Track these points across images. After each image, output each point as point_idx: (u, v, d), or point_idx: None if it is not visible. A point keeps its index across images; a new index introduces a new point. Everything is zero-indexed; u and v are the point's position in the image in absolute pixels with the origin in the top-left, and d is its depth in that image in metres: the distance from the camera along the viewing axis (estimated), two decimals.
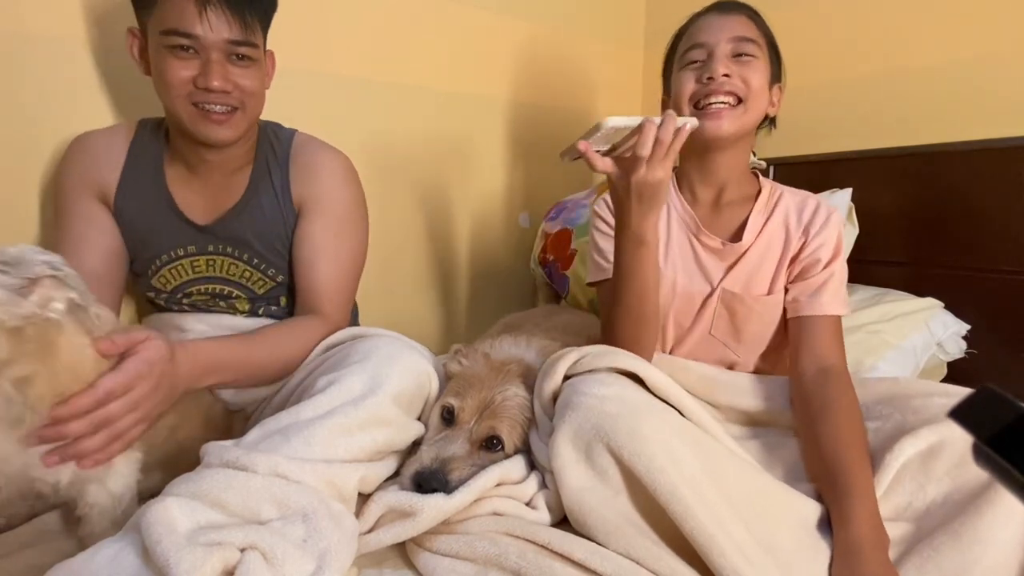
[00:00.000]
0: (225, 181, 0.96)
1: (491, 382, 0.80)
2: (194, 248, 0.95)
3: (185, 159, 0.94)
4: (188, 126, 0.86)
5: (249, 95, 0.88)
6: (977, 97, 1.22)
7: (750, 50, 0.85)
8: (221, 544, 0.49)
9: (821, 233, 0.88)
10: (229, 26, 0.83)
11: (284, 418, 0.64)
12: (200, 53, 0.83)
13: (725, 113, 0.85)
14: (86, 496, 0.61)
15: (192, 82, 0.83)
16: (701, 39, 0.87)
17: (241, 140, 0.94)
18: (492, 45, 1.60)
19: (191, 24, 0.81)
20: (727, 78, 0.84)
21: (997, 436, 0.35)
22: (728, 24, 0.86)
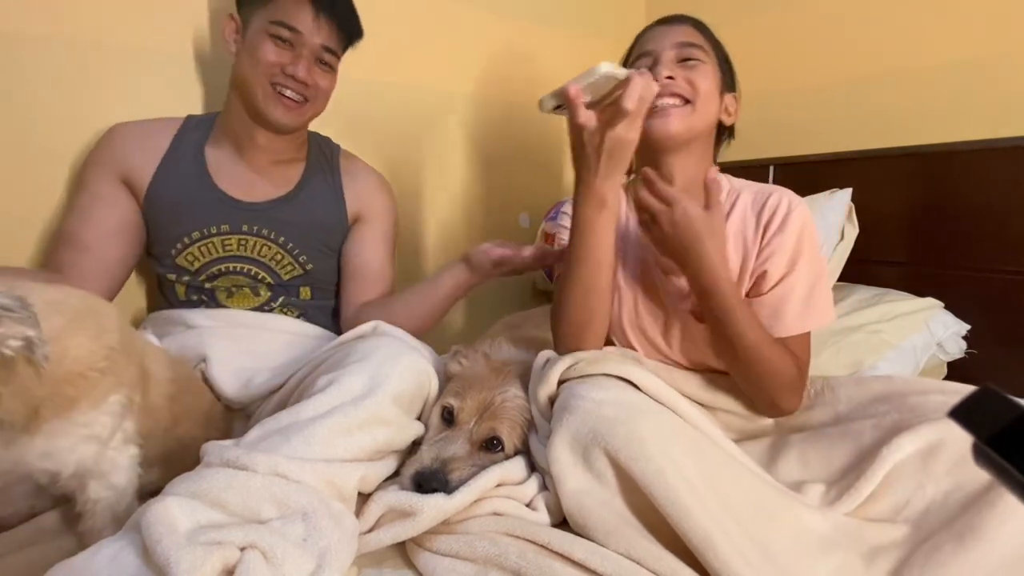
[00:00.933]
0: (273, 169, 1.06)
1: (491, 383, 0.80)
2: (227, 227, 1.01)
3: (236, 140, 1.03)
4: (260, 103, 0.97)
5: (321, 94, 1.02)
6: (977, 97, 1.22)
7: (695, 55, 0.86)
8: (221, 543, 0.49)
9: (776, 238, 0.82)
10: (329, 35, 0.98)
11: (284, 417, 0.64)
12: (295, 48, 0.97)
13: (673, 111, 0.84)
14: (87, 490, 0.62)
15: (280, 67, 0.96)
16: (647, 48, 0.88)
17: (294, 134, 1.05)
18: (492, 45, 1.60)
19: (301, 22, 0.95)
20: (671, 80, 0.84)
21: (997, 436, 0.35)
22: (672, 32, 0.88)
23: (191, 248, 1.00)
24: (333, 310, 1.15)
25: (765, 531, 0.61)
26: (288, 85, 0.97)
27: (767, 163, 1.52)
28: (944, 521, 0.63)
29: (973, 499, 0.63)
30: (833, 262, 1.26)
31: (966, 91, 1.24)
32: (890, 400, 0.79)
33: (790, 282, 0.81)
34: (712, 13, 1.79)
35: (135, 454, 0.65)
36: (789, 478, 0.74)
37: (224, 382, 0.90)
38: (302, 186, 1.07)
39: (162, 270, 1.03)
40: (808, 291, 0.81)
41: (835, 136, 1.43)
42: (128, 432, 0.65)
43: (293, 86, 0.97)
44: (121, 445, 0.64)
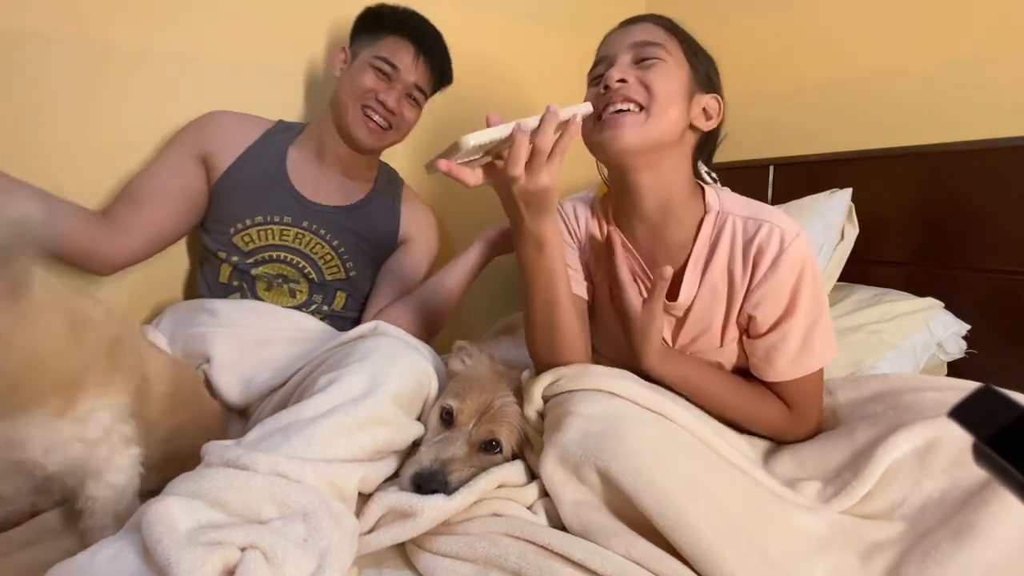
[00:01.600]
0: (344, 179, 1.16)
1: (492, 386, 0.80)
2: (290, 219, 1.10)
3: (319, 147, 1.14)
4: (349, 122, 1.09)
5: (404, 124, 1.14)
6: (977, 97, 1.22)
7: (654, 53, 0.77)
8: (222, 543, 0.49)
9: (766, 281, 0.75)
10: (423, 75, 1.11)
11: (284, 417, 0.64)
12: (391, 81, 1.09)
13: (625, 119, 0.74)
14: (85, 489, 0.61)
15: (374, 94, 1.08)
16: (604, 52, 0.81)
17: (371, 156, 1.18)
18: (491, 45, 1.60)
19: (401, 61, 1.08)
20: (623, 83, 0.75)
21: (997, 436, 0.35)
22: (630, 32, 0.79)
23: (250, 230, 1.08)
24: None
25: (761, 534, 0.61)
26: (377, 111, 1.09)
27: (767, 163, 1.52)
28: (941, 518, 0.63)
29: (970, 496, 0.62)
30: (833, 262, 1.26)
31: (966, 91, 1.24)
32: (886, 398, 0.78)
33: (783, 329, 0.75)
34: (712, 13, 1.80)
35: (136, 454, 0.65)
36: (784, 476, 0.74)
37: (226, 385, 0.91)
38: (366, 203, 1.18)
39: (215, 246, 1.09)
40: (804, 336, 0.75)
41: (835, 136, 1.43)
42: (127, 433, 0.64)
43: (381, 112, 1.09)
44: (121, 446, 0.63)
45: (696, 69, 0.80)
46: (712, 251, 0.79)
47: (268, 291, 1.11)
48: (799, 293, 0.75)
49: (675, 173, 0.80)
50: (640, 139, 0.75)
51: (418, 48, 1.09)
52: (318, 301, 1.14)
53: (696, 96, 0.79)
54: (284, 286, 1.12)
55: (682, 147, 0.80)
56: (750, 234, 0.77)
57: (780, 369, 0.76)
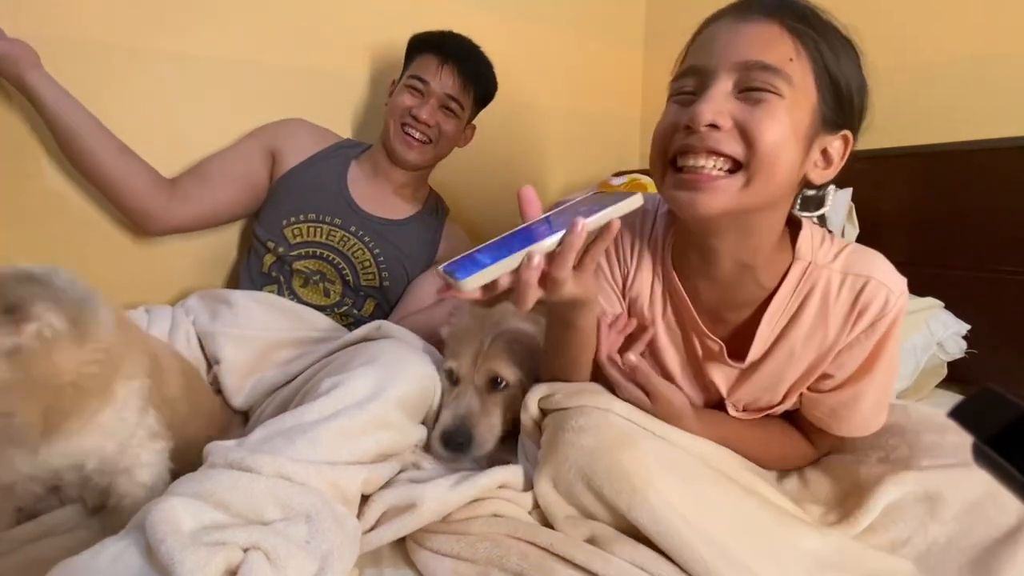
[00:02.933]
0: (395, 197, 1.24)
1: (479, 330, 0.84)
2: (340, 221, 1.17)
3: (375, 166, 1.22)
4: (392, 139, 1.16)
5: (443, 137, 1.19)
6: (977, 97, 1.22)
7: (768, 82, 0.55)
8: (225, 544, 0.49)
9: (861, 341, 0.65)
10: (451, 83, 1.16)
11: (288, 419, 0.65)
12: (425, 97, 1.15)
13: (716, 184, 0.56)
14: (116, 487, 0.62)
15: (409, 110, 1.14)
16: (700, 60, 0.59)
17: (417, 174, 1.24)
18: (491, 45, 1.60)
19: (428, 73, 1.15)
20: (714, 130, 0.55)
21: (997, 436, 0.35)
22: (743, 38, 0.56)
23: (302, 224, 1.15)
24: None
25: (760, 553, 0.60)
26: (414, 126, 1.15)
27: None
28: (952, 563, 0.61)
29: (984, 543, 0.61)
30: None
31: (967, 91, 1.24)
32: (904, 434, 0.75)
33: (860, 387, 0.67)
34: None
35: (162, 448, 0.65)
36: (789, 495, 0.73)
37: (233, 389, 0.91)
38: (411, 221, 1.24)
39: (265, 235, 1.16)
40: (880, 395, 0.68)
41: None
42: (152, 427, 0.64)
43: (418, 127, 1.15)
44: (147, 441, 0.63)
45: (825, 98, 0.58)
46: (799, 308, 0.66)
47: (304, 287, 1.16)
48: (883, 351, 0.65)
49: (769, 232, 0.63)
50: (733, 206, 0.57)
51: (441, 58, 1.15)
52: (348, 304, 1.18)
53: (819, 138, 0.60)
54: (320, 284, 1.17)
55: (785, 202, 0.62)
56: (855, 293, 0.65)
57: (850, 427, 0.69)
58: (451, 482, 0.66)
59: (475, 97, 1.22)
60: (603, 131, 1.87)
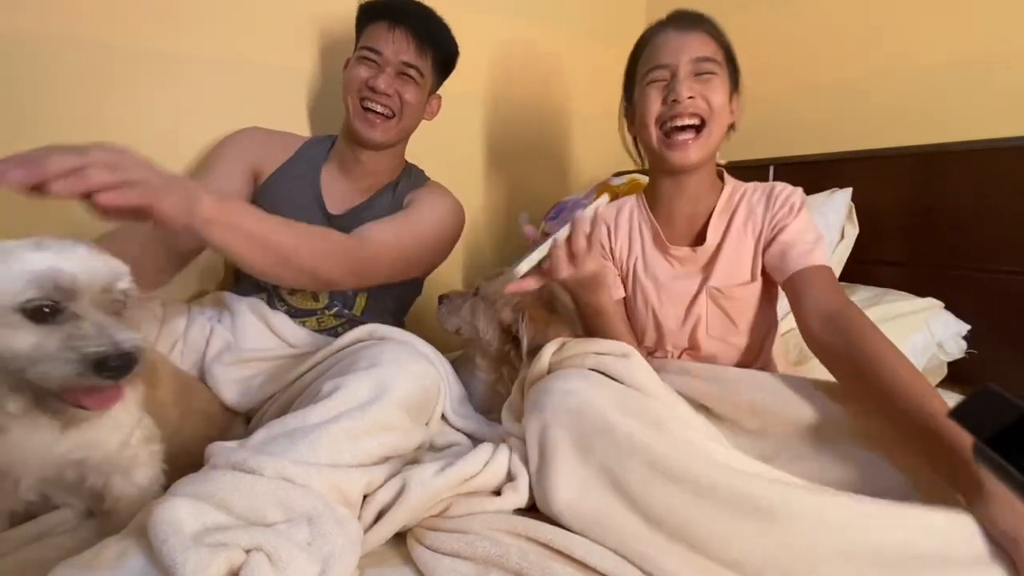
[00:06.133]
0: (366, 187, 1.15)
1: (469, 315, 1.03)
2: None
3: (343, 160, 1.14)
4: (352, 119, 1.08)
5: (407, 107, 1.09)
6: (977, 97, 1.22)
7: (710, 68, 0.87)
8: (227, 545, 0.49)
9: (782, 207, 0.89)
10: (405, 48, 1.06)
11: (290, 422, 0.65)
12: (380, 66, 1.06)
13: (690, 144, 0.88)
14: (112, 488, 0.62)
15: (365, 83, 1.05)
16: (663, 60, 0.88)
17: (388, 153, 1.14)
18: (491, 45, 1.60)
19: (379, 42, 1.05)
20: (691, 100, 0.86)
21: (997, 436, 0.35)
22: (688, 44, 0.88)
23: None
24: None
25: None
26: (373, 99, 1.06)
27: (767, 163, 1.52)
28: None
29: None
30: (833, 262, 1.26)
31: (966, 91, 1.24)
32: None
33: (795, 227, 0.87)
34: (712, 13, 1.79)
35: (157, 450, 0.66)
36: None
37: (225, 388, 0.91)
38: (375, 197, 1.14)
39: None
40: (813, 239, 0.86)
41: (835, 136, 1.43)
42: (148, 429, 0.65)
43: (377, 99, 1.06)
44: (142, 442, 0.64)
45: (731, 73, 0.91)
46: (735, 208, 0.93)
47: (293, 294, 1.11)
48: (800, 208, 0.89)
49: (712, 164, 0.96)
50: (702, 156, 0.89)
51: (391, 22, 1.06)
52: (339, 304, 1.13)
53: (732, 97, 0.92)
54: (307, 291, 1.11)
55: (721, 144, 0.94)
56: (765, 192, 0.92)
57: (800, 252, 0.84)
58: (436, 468, 0.67)
59: (434, 60, 1.11)
60: (603, 131, 1.87)
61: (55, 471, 0.60)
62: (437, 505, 0.67)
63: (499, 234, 1.68)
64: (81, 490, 0.64)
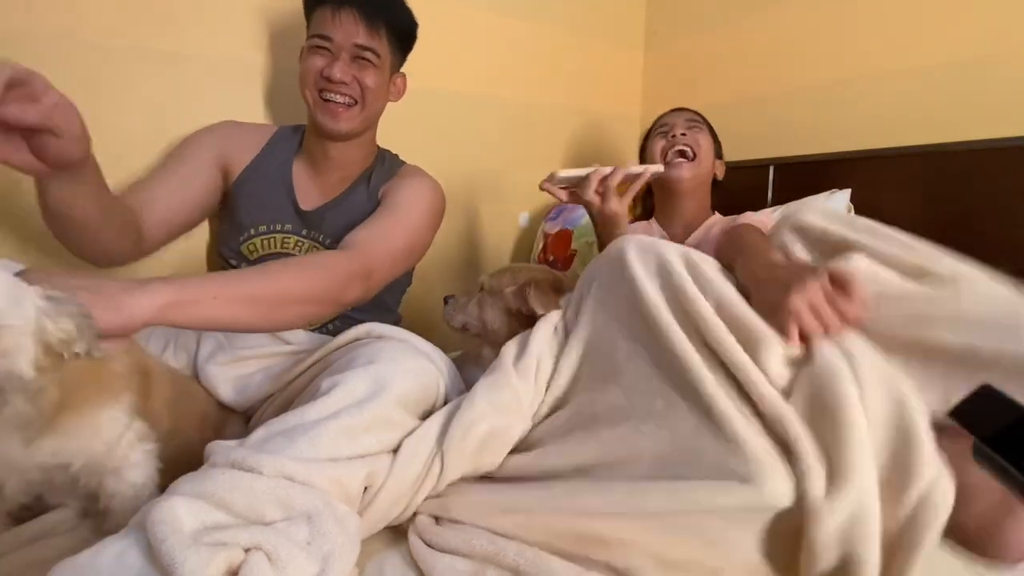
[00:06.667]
0: (338, 181, 1.11)
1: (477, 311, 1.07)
2: (291, 227, 1.09)
3: (313, 155, 1.10)
4: (313, 112, 1.04)
5: (369, 93, 1.04)
6: (977, 97, 1.22)
7: (697, 124, 1.28)
8: (226, 544, 0.49)
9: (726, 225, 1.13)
10: (355, 30, 1.00)
11: (289, 419, 0.65)
12: (333, 53, 1.01)
13: (684, 165, 1.23)
14: (105, 487, 0.62)
15: (320, 73, 1.01)
16: (666, 121, 1.30)
17: (356, 142, 1.10)
18: (492, 45, 1.60)
19: (327, 28, 1.00)
20: (684, 136, 1.24)
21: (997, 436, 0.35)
22: (682, 113, 1.30)
23: (255, 239, 1.08)
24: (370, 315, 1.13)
25: None
26: (332, 89, 1.02)
27: (767, 163, 1.52)
28: None
29: None
30: None
31: (966, 91, 1.24)
32: None
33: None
34: (712, 13, 1.80)
35: (151, 449, 0.66)
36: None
37: (221, 388, 0.91)
38: (349, 190, 1.11)
39: (227, 254, 1.10)
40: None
41: (835, 136, 1.43)
42: (140, 430, 0.65)
43: (335, 88, 1.02)
44: (135, 442, 0.64)
45: (715, 142, 1.30)
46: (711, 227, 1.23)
47: None
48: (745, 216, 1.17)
49: (701, 204, 1.29)
50: (692, 176, 1.23)
51: (335, 5, 1.00)
52: None
53: (716, 159, 1.30)
54: None
55: (706, 187, 1.29)
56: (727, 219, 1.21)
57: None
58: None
59: (389, 38, 1.05)
60: (603, 131, 1.88)
61: (40, 475, 0.60)
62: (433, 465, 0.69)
63: (498, 234, 1.68)
64: (76, 491, 0.64)
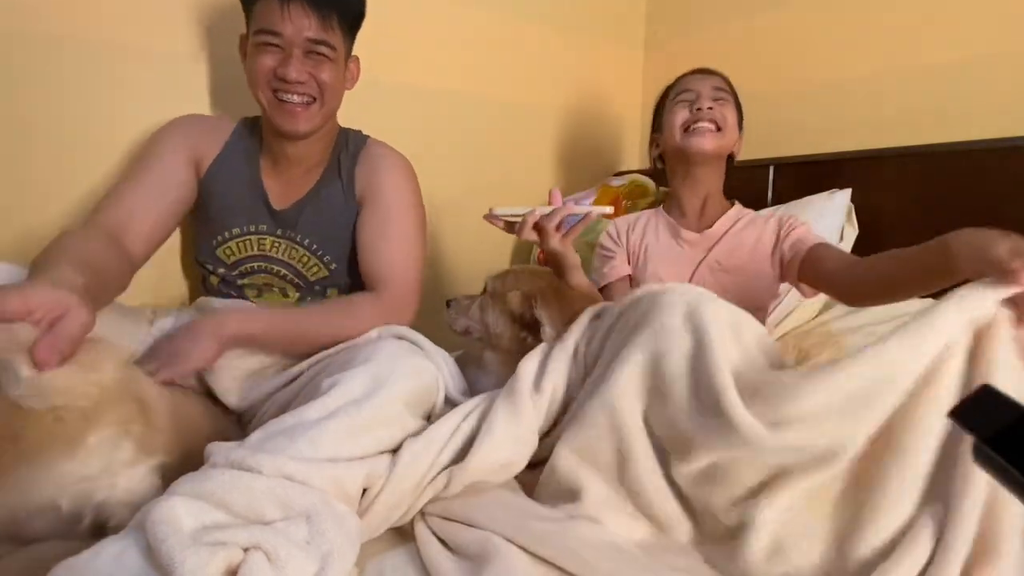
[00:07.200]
0: (303, 175, 1.06)
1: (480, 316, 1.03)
2: (265, 227, 1.06)
3: (272, 152, 1.05)
4: (269, 115, 0.98)
5: (327, 89, 0.98)
6: (977, 97, 1.22)
7: (726, 96, 1.14)
8: (225, 544, 0.49)
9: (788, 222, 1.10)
10: (306, 24, 0.93)
11: (288, 419, 0.65)
12: (284, 49, 0.95)
13: (708, 134, 1.10)
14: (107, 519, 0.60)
15: (273, 72, 0.95)
16: (690, 87, 1.14)
17: (317, 136, 1.04)
18: (491, 45, 1.60)
19: (274, 23, 0.92)
20: (711, 110, 1.11)
21: (997, 436, 0.35)
22: (709, 79, 1.15)
23: (230, 242, 1.05)
24: None
25: None
26: (288, 90, 0.96)
27: (767, 163, 1.52)
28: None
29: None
30: None
31: (966, 91, 1.24)
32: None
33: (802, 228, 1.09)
34: (712, 13, 1.80)
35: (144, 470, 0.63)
36: None
37: (224, 391, 0.89)
38: (318, 186, 1.07)
39: (203, 258, 1.08)
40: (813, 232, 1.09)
41: (835, 136, 1.43)
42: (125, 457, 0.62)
43: (291, 88, 0.96)
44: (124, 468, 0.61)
45: (739, 114, 1.16)
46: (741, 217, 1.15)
47: (259, 297, 1.09)
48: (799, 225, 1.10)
49: (720, 172, 1.18)
50: (716, 147, 1.11)
51: None
52: (309, 300, 1.11)
53: (739, 133, 1.17)
54: (274, 291, 1.10)
55: (724, 161, 1.17)
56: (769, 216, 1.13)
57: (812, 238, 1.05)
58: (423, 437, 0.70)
59: (342, 26, 0.98)
60: (603, 131, 1.88)
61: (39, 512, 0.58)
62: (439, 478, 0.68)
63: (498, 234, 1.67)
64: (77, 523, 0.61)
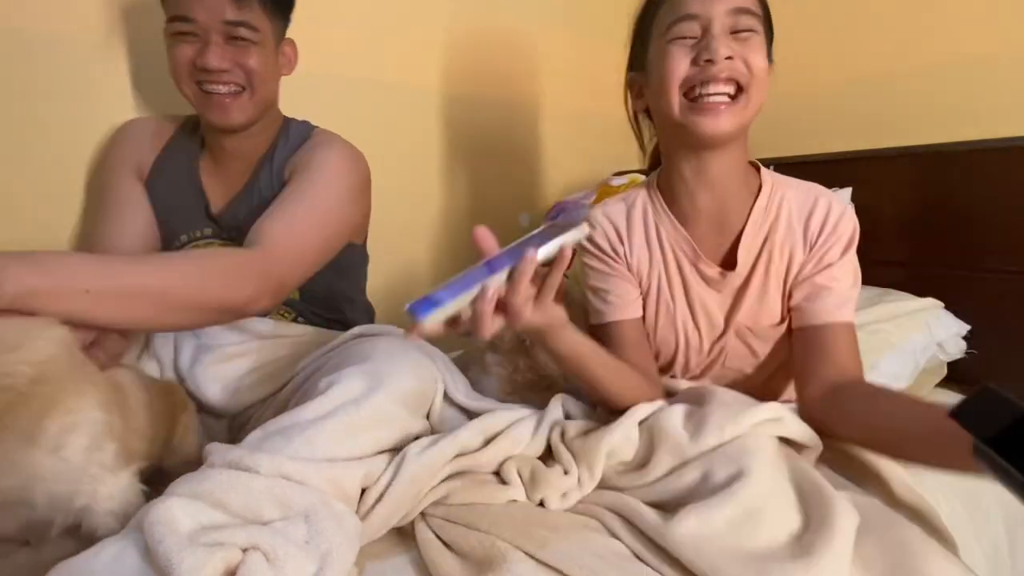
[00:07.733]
0: (241, 171, 0.99)
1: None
2: (210, 231, 1.00)
3: (211, 149, 1.00)
4: (198, 109, 0.92)
5: (255, 76, 0.91)
6: (977, 97, 1.22)
7: (751, 24, 0.70)
8: (223, 544, 0.49)
9: (827, 242, 0.76)
10: (222, 5, 0.86)
11: (285, 419, 0.64)
12: (201, 36, 0.87)
13: (723, 108, 0.70)
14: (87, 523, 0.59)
15: (193, 64, 0.87)
16: (693, 9, 0.70)
17: (258, 128, 0.97)
18: (491, 45, 1.60)
19: (186, 7, 0.85)
20: (729, 61, 0.69)
21: (997, 436, 0.35)
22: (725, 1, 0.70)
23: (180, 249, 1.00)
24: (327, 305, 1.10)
25: None
26: (211, 80, 0.88)
27: (767, 163, 1.51)
28: None
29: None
30: None
31: (966, 91, 1.24)
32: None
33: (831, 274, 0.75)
34: None
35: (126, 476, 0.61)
36: None
37: (209, 390, 0.88)
38: (250, 181, 0.99)
39: None
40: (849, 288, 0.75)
41: (835, 136, 1.43)
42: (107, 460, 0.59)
43: (216, 79, 0.88)
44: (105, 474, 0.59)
45: (767, 32, 0.75)
46: (772, 222, 0.78)
47: None
48: (849, 248, 0.76)
49: (742, 151, 0.79)
50: (736, 126, 0.73)
51: None
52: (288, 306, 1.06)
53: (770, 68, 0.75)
54: None
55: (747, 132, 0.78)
56: (808, 206, 0.78)
57: (825, 307, 0.74)
58: (430, 439, 0.68)
59: (264, 5, 0.89)
60: (603, 131, 1.87)
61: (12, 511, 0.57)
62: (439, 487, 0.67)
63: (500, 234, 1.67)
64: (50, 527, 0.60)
